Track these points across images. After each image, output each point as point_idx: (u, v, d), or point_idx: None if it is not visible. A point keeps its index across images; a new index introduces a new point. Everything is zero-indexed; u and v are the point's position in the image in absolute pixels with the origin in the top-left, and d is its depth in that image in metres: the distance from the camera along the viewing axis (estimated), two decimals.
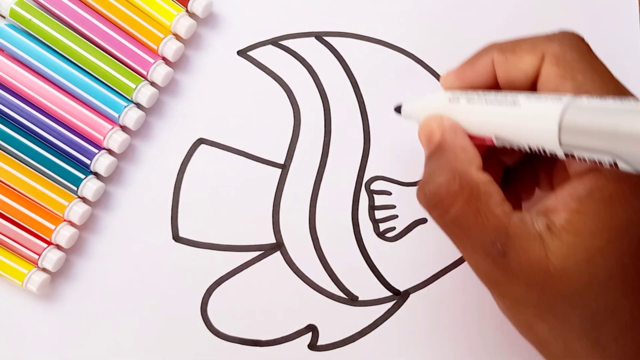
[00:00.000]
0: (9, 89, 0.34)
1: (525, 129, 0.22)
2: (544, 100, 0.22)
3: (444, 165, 0.24)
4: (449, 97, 0.26)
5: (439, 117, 0.25)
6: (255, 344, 0.34)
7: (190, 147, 0.35)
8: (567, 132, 0.20)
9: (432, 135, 0.25)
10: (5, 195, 0.33)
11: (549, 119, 0.20)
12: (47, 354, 0.33)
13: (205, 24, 0.36)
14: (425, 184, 0.24)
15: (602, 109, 0.19)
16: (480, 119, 0.24)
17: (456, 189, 0.23)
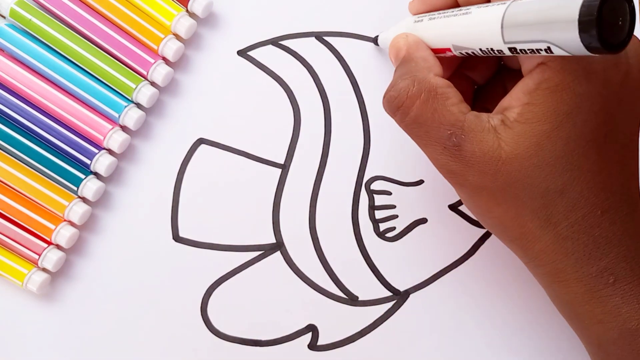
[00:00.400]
0: (9, 89, 0.34)
1: (475, 33, 0.25)
2: (491, 6, 0.24)
3: (405, 72, 0.27)
4: (415, 20, 0.29)
5: (405, 34, 0.29)
6: (255, 344, 0.34)
7: (190, 147, 0.35)
8: (508, 29, 0.23)
9: (399, 51, 0.28)
10: (5, 195, 0.33)
11: (494, 20, 0.24)
12: (47, 354, 0.33)
13: (205, 24, 0.36)
14: (389, 90, 0.27)
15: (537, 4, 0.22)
16: (439, 32, 0.27)
17: (414, 92, 0.26)
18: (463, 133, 0.25)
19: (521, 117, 0.24)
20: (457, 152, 0.25)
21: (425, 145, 0.27)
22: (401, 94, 0.26)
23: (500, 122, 0.25)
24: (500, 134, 0.25)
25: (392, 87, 0.27)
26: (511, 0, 0.23)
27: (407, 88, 0.26)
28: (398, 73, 0.28)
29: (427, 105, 0.26)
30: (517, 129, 0.24)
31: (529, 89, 0.24)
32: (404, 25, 0.30)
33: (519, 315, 0.34)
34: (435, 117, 0.26)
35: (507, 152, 0.24)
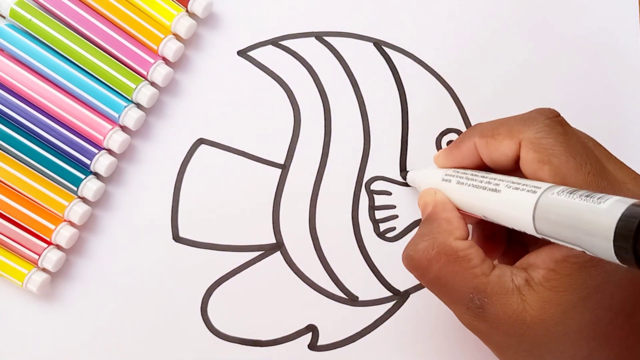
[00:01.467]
0: (9, 89, 0.34)
1: (506, 214, 0.25)
2: (522, 190, 0.24)
3: (427, 233, 0.27)
4: (442, 177, 0.29)
5: (433, 190, 0.29)
6: (255, 344, 0.34)
7: (190, 147, 0.35)
8: (540, 222, 0.22)
9: (426, 206, 0.29)
10: (5, 195, 0.33)
11: (525, 209, 0.23)
12: (47, 354, 0.33)
13: (205, 24, 0.36)
14: (408, 247, 0.27)
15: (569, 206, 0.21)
16: (468, 200, 0.27)
17: (433, 255, 0.26)
18: (486, 296, 0.25)
19: (547, 283, 0.24)
20: (481, 313, 0.25)
21: (448, 303, 0.27)
22: (419, 256, 0.26)
23: (525, 282, 0.24)
24: (524, 296, 0.24)
25: (411, 245, 0.27)
26: (542, 189, 0.23)
27: (425, 250, 0.26)
28: (420, 231, 0.27)
29: (447, 269, 0.25)
30: (542, 295, 0.24)
31: (556, 258, 0.24)
32: (431, 179, 0.30)
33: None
34: (457, 280, 0.25)
35: (533, 316, 0.24)
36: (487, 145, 0.27)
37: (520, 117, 0.27)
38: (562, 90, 0.36)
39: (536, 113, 0.26)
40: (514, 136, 0.26)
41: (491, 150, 0.27)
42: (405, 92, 0.36)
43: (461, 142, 0.29)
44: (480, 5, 0.37)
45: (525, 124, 0.26)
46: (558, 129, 0.25)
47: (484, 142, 0.27)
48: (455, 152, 0.29)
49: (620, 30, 0.37)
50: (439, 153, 0.30)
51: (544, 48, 0.37)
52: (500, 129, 0.27)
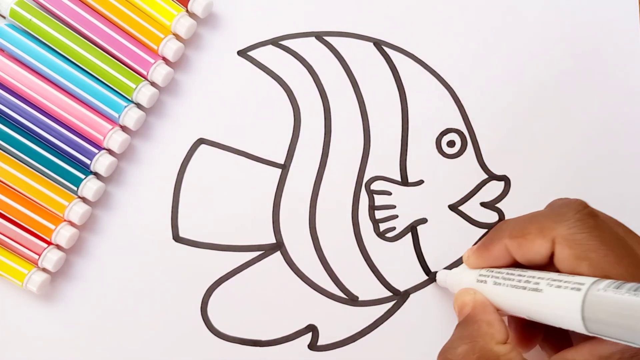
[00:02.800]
0: (9, 89, 0.34)
1: (552, 315, 0.24)
2: (564, 287, 0.23)
3: (467, 336, 0.26)
4: (477, 277, 0.29)
5: (472, 291, 0.28)
6: (255, 344, 0.34)
7: (190, 147, 0.35)
8: (590, 322, 0.22)
9: (464, 307, 0.28)
10: (5, 195, 0.33)
11: (572, 309, 0.22)
12: (47, 354, 0.33)
13: (205, 24, 0.36)
14: (447, 350, 0.27)
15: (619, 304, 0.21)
16: (508, 302, 0.26)
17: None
18: None
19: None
20: None
21: None
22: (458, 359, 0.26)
23: None
24: None
25: (449, 348, 0.26)
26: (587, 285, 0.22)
27: (466, 355, 0.25)
28: (459, 333, 0.27)
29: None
30: None
31: (599, 355, 0.24)
32: (465, 279, 0.30)
33: None
34: None
35: None
36: (519, 246, 0.27)
37: (549, 214, 0.26)
38: (562, 90, 0.36)
39: (566, 208, 0.26)
40: (546, 235, 0.25)
41: (524, 250, 0.26)
42: (405, 92, 0.36)
43: (490, 244, 0.28)
44: (480, 5, 0.37)
45: (555, 221, 0.25)
46: (590, 222, 0.25)
47: (515, 243, 0.27)
48: (486, 254, 0.29)
49: (620, 30, 0.37)
50: (468, 254, 0.30)
51: (544, 48, 0.37)
52: (530, 228, 0.26)
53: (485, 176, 0.35)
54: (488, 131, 0.36)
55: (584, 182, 0.35)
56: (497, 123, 0.36)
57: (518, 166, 0.36)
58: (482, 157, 0.36)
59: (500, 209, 0.35)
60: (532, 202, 0.35)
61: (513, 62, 0.37)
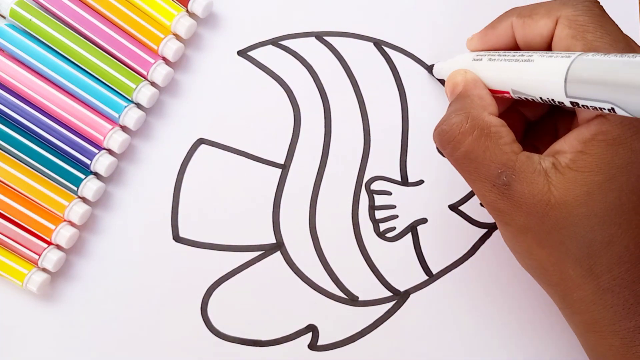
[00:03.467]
0: (9, 89, 0.34)
1: (537, 82, 0.25)
2: (555, 57, 0.24)
3: (460, 108, 0.27)
4: (473, 57, 0.29)
5: (463, 70, 0.29)
6: (255, 344, 0.34)
7: (190, 147, 0.35)
8: (571, 84, 0.23)
9: (456, 86, 0.29)
10: (5, 195, 0.33)
11: (557, 72, 0.23)
12: (47, 354, 0.33)
13: (205, 24, 0.36)
14: (442, 122, 0.27)
15: (604, 63, 0.22)
16: (499, 75, 0.27)
17: (467, 128, 0.26)
18: (514, 173, 0.25)
19: (573, 164, 0.24)
20: (506, 191, 0.25)
21: (473, 181, 0.27)
22: (453, 129, 0.26)
23: (552, 166, 0.25)
24: (550, 178, 0.25)
25: (444, 121, 0.27)
26: (577, 54, 0.23)
27: (460, 124, 0.26)
28: (452, 108, 0.28)
29: (479, 143, 0.26)
30: (568, 176, 0.24)
31: (584, 138, 0.24)
32: (461, 61, 0.30)
33: (519, 315, 0.34)
34: (487, 155, 0.26)
35: (557, 197, 0.24)
36: (524, 24, 0.27)
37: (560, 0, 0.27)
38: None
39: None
40: (551, 15, 0.26)
41: (527, 30, 0.27)
42: (405, 92, 0.36)
43: (497, 23, 0.29)
44: (480, 5, 0.37)
45: (563, 4, 0.26)
46: (595, 10, 0.26)
47: (520, 22, 0.28)
48: (491, 32, 0.29)
49: None
50: (472, 35, 0.31)
51: None
52: (538, 9, 0.27)
53: None
54: None
55: None
56: None
57: None
58: None
59: None
60: None
61: None
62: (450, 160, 0.27)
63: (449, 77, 0.29)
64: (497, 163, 0.25)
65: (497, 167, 0.25)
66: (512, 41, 0.28)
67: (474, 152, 0.26)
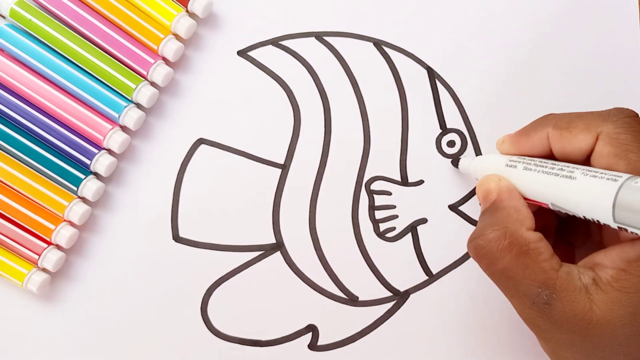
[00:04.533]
0: (9, 89, 0.34)
1: (581, 202, 0.24)
2: (600, 178, 0.23)
3: (496, 222, 0.26)
4: (506, 162, 0.28)
5: (497, 177, 0.28)
6: (255, 344, 0.34)
7: (190, 147, 0.35)
8: (620, 211, 0.22)
9: (489, 194, 0.28)
10: (5, 195, 0.33)
11: (604, 197, 0.23)
12: (47, 354, 0.33)
13: (205, 24, 0.36)
14: (476, 237, 0.26)
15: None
16: (537, 187, 0.26)
17: (505, 245, 0.25)
18: (554, 292, 0.24)
19: (616, 283, 0.24)
20: (547, 309, 0.25)
21: (511, 296, 0.26)
22: (491, 246, 0.26)
23: (592, 282, 0.24)
24: (592, 296, 0.24)
25: (480, 234, 0.26)
26: (624, 179, 0.23)
27: (497, 240, 0.25)
28: (487, 220, 0.27)
29: (518, 261, 0.25)
30: (611, 295, 0.24)
31: (628, 257, 0.24)
32: (493, 165, 0.29)
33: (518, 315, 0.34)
34: (526, 273, 0.25)
35: (599, 316, 0.24)
36: (561, 137, 0.27)
37: (598, 113, 0.26)
38: (562, 90, 0.36)
39: (615, 110, 0.26)
40: (591, 130, 0.26)
41: (565, 142, 0.26)
42: (405, 92, 0.36)
43: (532, 131, 0.28)
44: (480, 5, 0.37)
45: (604, 120, 0.26)
46: (637, 127, 0.25)
47: (557, 134, 0.27)
48: (524, 139, 0.28)
49: (620, 30, 0.37)
50: (503, 139, 0.30)
51: (543, 48, 0.37)
52: (577, 122, 0.26)
53: None
54: (488, 131, 0.36)
55: None
56: (497, 123, 0.36)
57: None
58: None
59: None
60: None
61: (513, 63, 0.37)
62: (487, 273, 0.27)
63: (481, 182, 0.29)
64: (537, 282, 0.25)
65: (537, 286, 0.25)
66: (548, 150, 0.28)
67: (513, 270, 0.25)
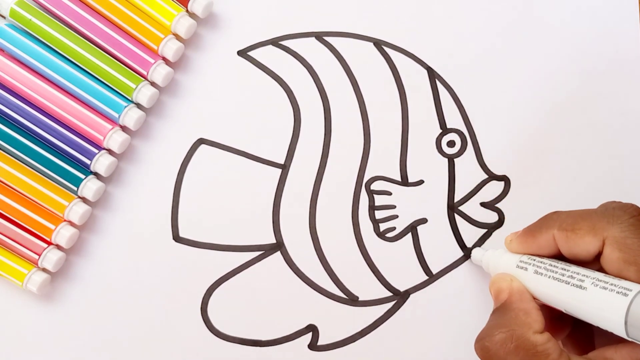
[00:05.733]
0: (9, 89, 0.34)
1: (592, 314, 0.24)
2: (610, 290, 0.24)
3: (504, 324, 0.26)
4: (517, 263, 0.29)
5: (509, 277, 0.28)
6: (255, 344, 0.34)
7: (190, 147, 0.35)
8: (632, 327, 0.23)
9: (500, 293, 0.28)
10: (5, 195, 0.33)
11: (616, 312, 0.23)
12: (47, 354, 0.33)
13: (205, 24, 0.36)
14: (483, 337, 0.27)
15: None
16: (547, 293, 0.27)
17: (511, 349, 0.25)
18: None
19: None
20: None
21: None
22: (497, 348, 0.26)
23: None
24: None
25: (486, 335, 0.27)
26: (634, 292, 0.23)
27: (504, 343, 0.26)
28: (495, 321, 0.27)
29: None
30: None
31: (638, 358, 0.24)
32: (504, 264, 0.30)
33: None
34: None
35: None
36: (567, 239, 0.27)
37: (603, 213, 0.26)
38: (562, 90, 0.36)
39: (619, 210, 0.26)
40: (597, 233, 0.26)
41: (572, 244, 0.27)
42: (405, 92, 0.36)
43: (538, 232, 0.28)
44: (480, 5, 0.37)
45: (609, 222, 0.26)
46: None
47: (563, 236, 0.27)
48: (531, 240, 0.29)
49: (620, 30, 0.37)
50: (510, 238, 0.30)
51: (543, 48, 0.37)
52: (581, 224, 0.26)
53: (485, 176, 0.35)
54: (488, 131, 0.36)
55: (584, 182, 0.35)
56: (497, 123, 0.36)
57: (518, 166, 0.36)
58: (482, 157, 0.36)
59: (500, 209, 0.35)
60: (532, 202, 0.35)
61: (513, 62, 0.37)
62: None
63: (493, 280, 0.29)
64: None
65: None
66: (555, 251, 0.28)
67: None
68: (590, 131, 0.36)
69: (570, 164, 0.36)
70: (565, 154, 0.36)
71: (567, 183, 0.35)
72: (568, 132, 0.36)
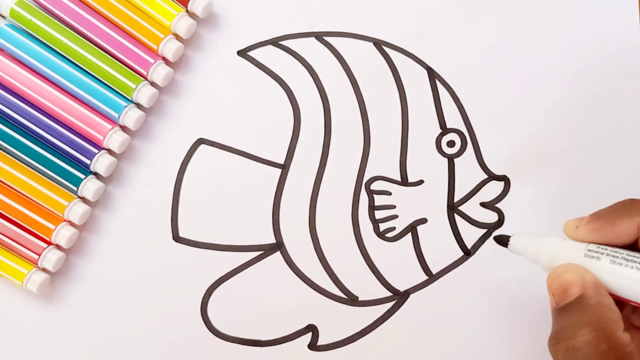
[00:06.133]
0: (9, 89, 0.34)
1: None
2: None
3: (589, 322, 0.24)
4: (585, 252, 0.25)
5: (579, 268, 0.25)
6: (255, 344, 0.34)
7: (190, 147, 0.35)
8: None
9: (570, 287, 0.25)
10: (5, 195, 0.33)
11: None
12: (47, 354, 0.33)
13: (205, 24, 0.36)
14: (565, 338, 0.24)
15: None
16: (628, 284, 0.24)
17: (604, 350, 0.23)
18: None
19: None
20: None
21: None
22: (588, 350, 0.23)
23: None
24: None
25: (570, 334, 0.24)
26: None
27: (594, 344, 0.23)
28: (575, 319, 0.24)
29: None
30: None
31: None
32: (565, 253, 0.26)
33: (518, 315, 0.34)
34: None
35: None
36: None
37: None
38: (562, 90, 0.36)
39: None
40: None
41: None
42: (405, 92, 0.36)
43: (618, 219, 0.26)
44: (480, 6, 0.37)
45: None
46: None
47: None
48: (608, 227, 0.26)
49: (620, 30, 0.37)
50: (576, 223, 0.27)
51: (543, 48, 0.37)
52: None
53: (485, 176, 0.35)
54: (488, 131, 0.36)
55: (584, 182, 0.35)
56: (497, 123, 0.36)
57: (518, 166, 0.36)
58: (482, 157, 0.36)
59: (500, 209, 0.35)
60: (532, 202, 0.35)
61: (513, 62, 0.37)
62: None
63: (557, 272, 0.25)
64: None
65: None
66: (632, 240, 0.25)
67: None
68: (590, 131, 0.36)
69: (570, 164, 0.36)
70: (565, 154, 0.36)
71: (567, 183, 0.35)
72: (568, 132, 0.36)
